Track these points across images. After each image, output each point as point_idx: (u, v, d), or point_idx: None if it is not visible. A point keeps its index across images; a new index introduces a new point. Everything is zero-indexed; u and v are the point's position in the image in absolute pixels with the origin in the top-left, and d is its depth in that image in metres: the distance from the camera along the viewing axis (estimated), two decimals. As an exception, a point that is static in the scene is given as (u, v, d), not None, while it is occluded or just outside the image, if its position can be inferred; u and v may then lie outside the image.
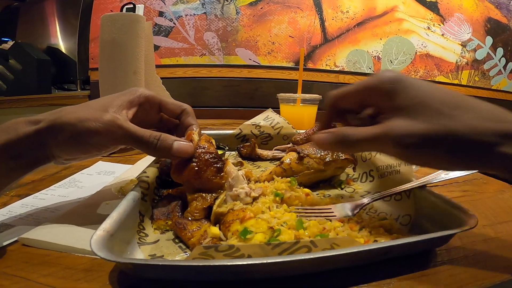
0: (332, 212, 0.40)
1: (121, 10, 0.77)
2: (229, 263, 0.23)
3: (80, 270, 0.29)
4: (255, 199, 0.39)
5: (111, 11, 1.54)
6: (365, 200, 0.41)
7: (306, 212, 0.39)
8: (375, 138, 0.30)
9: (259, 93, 1.66)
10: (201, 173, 0.37)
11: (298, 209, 0.40)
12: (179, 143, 0.37)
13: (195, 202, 0.36)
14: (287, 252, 0.25)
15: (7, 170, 0.35)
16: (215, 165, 0.37)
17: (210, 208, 0.36)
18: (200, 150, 0.38)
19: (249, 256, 0.25)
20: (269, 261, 0.24)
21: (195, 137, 0.40)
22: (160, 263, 0.24)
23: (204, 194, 0.37)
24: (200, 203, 0.36)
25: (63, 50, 1.79)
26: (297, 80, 0.98)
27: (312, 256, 0.25)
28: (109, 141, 0.36)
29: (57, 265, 0.30)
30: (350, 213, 0.39)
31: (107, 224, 0.29)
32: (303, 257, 0.24)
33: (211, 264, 0.24)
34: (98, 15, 1.53)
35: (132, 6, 0.77)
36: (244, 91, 1.66)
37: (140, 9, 0.80)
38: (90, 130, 0.34)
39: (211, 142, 0.40)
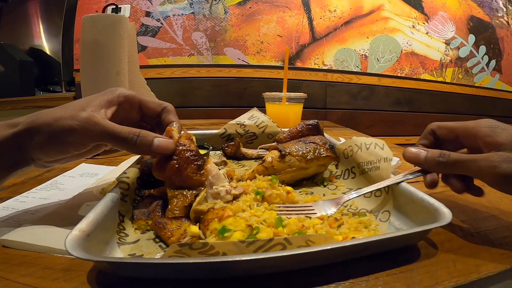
0: (313, 209, 0.40)
1: (104, 11, 0.76)
2: (203, 261, 0.24)
3: (58, 270, 0.29)
4: (236, 197, 0.40)
5: (96, 11, 1.52)
6: (346, 197, 0.42)
7: (286, 210, 0.40)
8: (475, 161, 0.35)
9: (248, 93, 1.66)
10: (181, 170, 0.37)
11: (279, 207, 0.40)
12: (159, 140, 0.37)
13: (175, 199, 0.36)
14: (262, 250, 0.25)
15: None
16: (196, 162, 0.38)
17: (191, 206, 0.37)
18: (180, 148, 0.38)
19: (224, 254, 0.25)
20: (243, 258, 0.24)
21: (175, 134, 0.40)
22: (133, 261, 0.24)
23: (184, 192, 0.37)
24: (181, 201, 0.36)
25: (47, 51, 1.76)
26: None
27: (286, 253, 0.25)
28: (86, 139, 0.36)
29: (36, 265, 0.30)
30: (329, 211, 0.40)
31: (83, 224, 0.29)
32: (277, 254, 0.25)
33: (185, 261, 0.24)
34: (83, 16, 1.51)
35: (115, 7, 0.76)
36: (233, 91, 1.66)
37: (126, 9, 0.79)
38: (65, 128, 0.34)
39: (192, 139, 0.40)
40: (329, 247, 0.27)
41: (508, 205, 0.45)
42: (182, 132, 0.42)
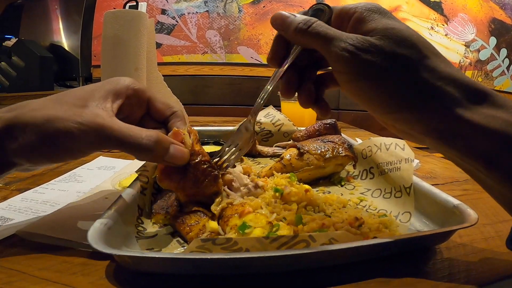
0: None
1: (124, 7, 0.77)
2: (226, 257, 0.23)
3: (76, 264, 0.29)
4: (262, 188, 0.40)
5: (114, 8, 1.55)
6: None
7: None
8: (337, 39, 0.28)
9: (260, 91, 1.65)
10: (198, 182, 0.35)
11: None
12: (175, 148, 0.32)
13: (194, 216, 0.35)
14: (286, 246, 0.25)
15: None
16: (212, 173, 0.35)
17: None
18: (197, 160, 0.34)
19: (247, 250, 0.24)
20: (267, 255, 0.24)
21: (187, 139, 0.35)
22: (156, 256, 0.24)
23: (201, 211, 0.35)
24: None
25: (66, 47, 1.80)
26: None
27: (310, 251, 0.25)
28: (88, 146, 0.29)
29: (54, 258, 0.30)
30: None
31: (105, 218, 0.29)
32: (301, 252, 0.24)
33: (208, 257, 0.23)
34: (101, 13, 1.53)
35: (135, 3, 0.77)
36: (246, 90, 1.66)
37: (143, 7, 0.80)
38: (61, 132, 0.27)
39: (197, 138, 0.37)
40: (353, 246, 0.26)
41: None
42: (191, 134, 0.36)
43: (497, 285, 0.28)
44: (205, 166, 0.35)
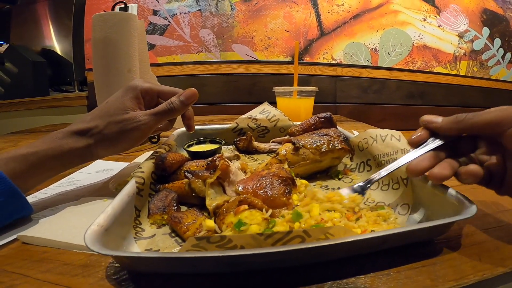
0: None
1: (113, 9, 0.76)
2: (221, 254, 0.23)
3: (77, 266, 0.30)
4: None
5: (104, 11, 1.53)
6: (377, 176, 0.40)
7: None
8: (490, 111, 0.32)
9: (257, 88, 1.66)
10: (269, 190, 0.37)
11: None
12: (184, 94, 0.47)
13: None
14: (281, 243, 0.25)
15: (48, 170, 0.41)
16: (285, 187, 0.38)
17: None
18: (272, 173, 0.40)
19: (242, 247, 0.24)
20: (262, 251, 0.23)
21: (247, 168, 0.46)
22: (152, 256, 0.24)
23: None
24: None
25: (59, 52, 1.77)
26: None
27: (305, 246, 0.24)
28: (148, 131, 0.44)
29: (55, 261, 0.30)
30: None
31: (101, 219, 0.29)
32: (296, 247, 0.24)
33: (204, 255, 0.23)
34: (91, 16, 1.52)
35: (123, 5, 0.77)
36: (242, 87, 1.66)
37: (133, 8, 0.80)
38: (130, 129, 0.43)
39: (284, 169, 0.42)
40: (349, 240, 0.26)
41: (532, 197, 0.43)
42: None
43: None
44: (279, 179, 0.39)
